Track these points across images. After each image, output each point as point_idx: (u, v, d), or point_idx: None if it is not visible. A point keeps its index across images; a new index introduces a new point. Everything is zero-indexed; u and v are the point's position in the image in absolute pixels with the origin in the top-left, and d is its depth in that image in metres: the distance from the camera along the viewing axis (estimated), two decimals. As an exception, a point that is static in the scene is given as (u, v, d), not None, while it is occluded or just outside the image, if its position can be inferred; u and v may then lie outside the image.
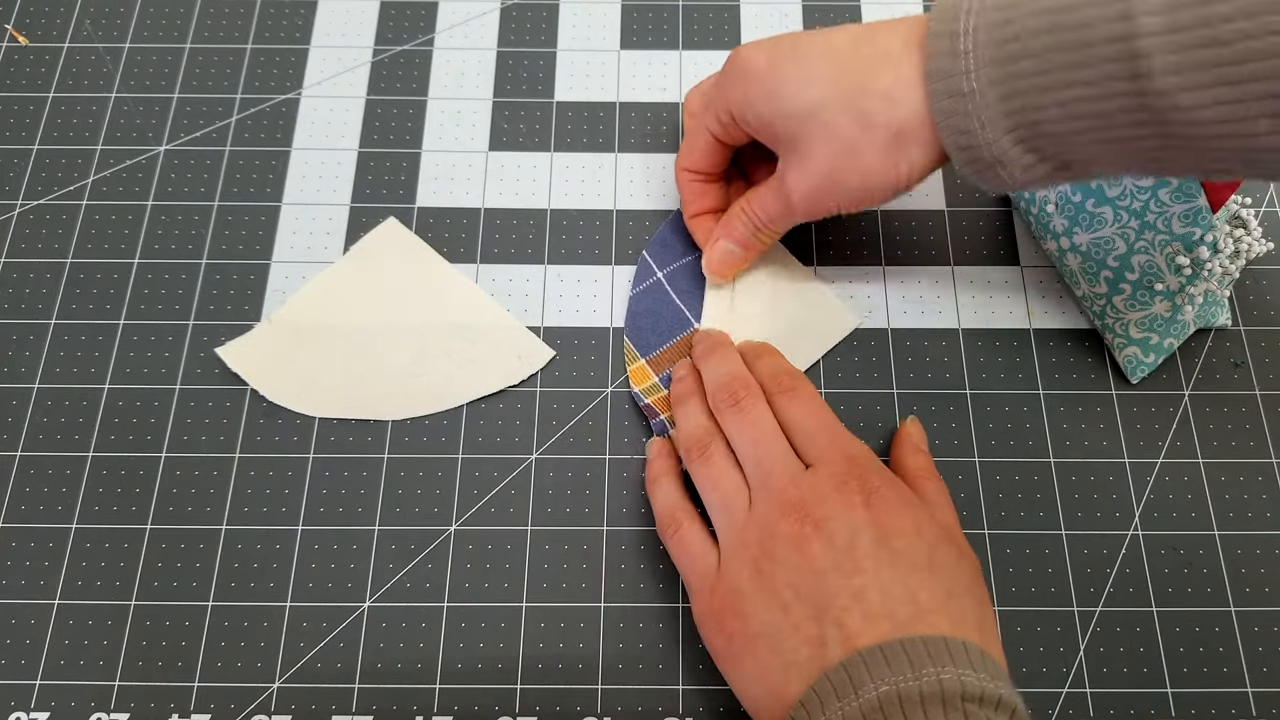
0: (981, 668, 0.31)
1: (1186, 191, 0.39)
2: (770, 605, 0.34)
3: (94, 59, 0.51)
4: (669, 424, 0.42)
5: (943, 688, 0.30)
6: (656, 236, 0.46)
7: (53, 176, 0.48)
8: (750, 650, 0.34)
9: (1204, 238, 0.40)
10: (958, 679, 0.30)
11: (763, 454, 0.37)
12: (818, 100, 0.37)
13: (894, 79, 0.35)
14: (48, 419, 0.43)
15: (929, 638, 0.31)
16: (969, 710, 0.30)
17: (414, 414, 0.43)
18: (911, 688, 0.30)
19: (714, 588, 0.36)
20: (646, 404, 0.42)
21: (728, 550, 0.36)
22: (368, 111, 0.50)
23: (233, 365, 0.43)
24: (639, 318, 0.44)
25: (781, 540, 0.34)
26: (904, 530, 0.34)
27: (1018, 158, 0.34)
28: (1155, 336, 0.42)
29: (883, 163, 0.37)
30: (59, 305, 0.45)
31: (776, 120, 0.38)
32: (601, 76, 0.51)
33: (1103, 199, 0.41)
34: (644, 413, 0.43)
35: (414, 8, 0.52)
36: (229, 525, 0.41)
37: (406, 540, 0.41)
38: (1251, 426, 0.43)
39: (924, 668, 0.30)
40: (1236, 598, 0.40)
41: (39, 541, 0.41)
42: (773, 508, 0.35)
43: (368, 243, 0.46)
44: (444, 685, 0.39)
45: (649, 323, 0.44)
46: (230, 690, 0.39)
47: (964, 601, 0.33)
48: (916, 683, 0.30)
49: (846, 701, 0.31)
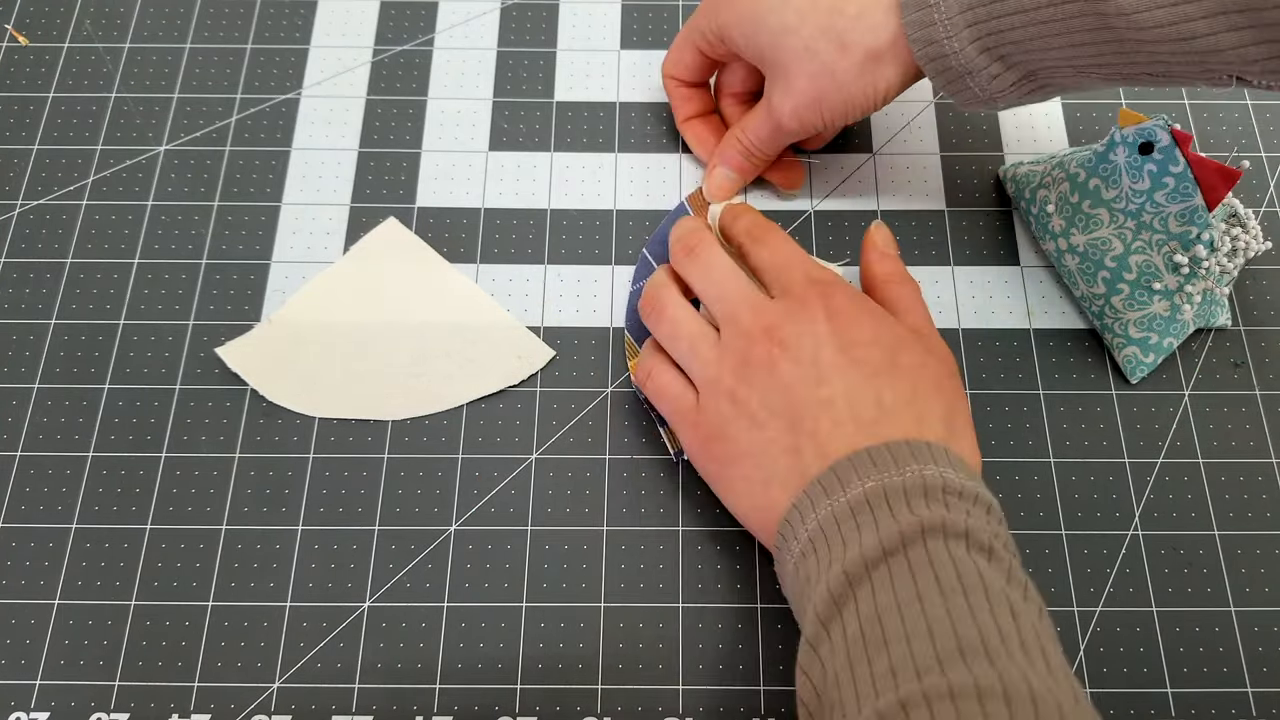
0: (962, 469, 0.33)
1: (1183, 191, 0.39)
2: (749, 427, 0.36)
3: (94, 59, 0.51)
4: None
5: (925, 481, 0.32)
6: (656, 234, 0.46)
7: (53, 176, 0.48)
8: (737, 471, 0.36)
9: (1200, 236, 0.40)
10: (939, 474, 0.32)
11: (721, 291, 0.38)
12: (795, 23, 0.39)
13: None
14: (48, 419, 0.43)
15: (912, 441, 0.33)
16: (949, 502, 0.31)
17: (414, 414, 0.43)
18: (895, 482, 0.32)
19: (696, 422, 0.38)
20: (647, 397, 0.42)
21: (704, 387, 0.37)
22: (368, 111, 0.50)
23: (233, 365, 0.43)
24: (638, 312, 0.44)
25: (753, 365, 0.36)
26: (864, 339, 0.36)
27: (984, 65, 0.37)
28: (1154, 336, 0.42)
29: (860, 83, 0.39)
30: (59, 305, 0.45)
31: (757, 42, 0.41)
32: (601, 76, 0.51)
33: (1099, 200, 0.41)
34: (646, 405, 0.43)
35: (414, 8, 0.52)
36: (229, 525, 0.41)
37: (406, 540, 0.41)
38: (1251, 426, 0.43)
39: (907, 465, 0.32)
40: (1236, 598, 0.40)
41: (39, 541, 0.41)
42: (740, 337, 0.37)
43: (368, 243, 0.46)
44: (444, 685, 0.39)
45: None
46: (230, 690, 0.39)
47: (930, 400, 0.35)
48: (900, 477, 0.32)
49: (835, 498, 0.32)
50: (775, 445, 0.35)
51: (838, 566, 0.31)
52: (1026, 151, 0.49)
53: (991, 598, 0.29)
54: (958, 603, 0.29)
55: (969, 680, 0.27)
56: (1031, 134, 0.49)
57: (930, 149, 0.49)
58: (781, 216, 0.47)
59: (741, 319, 0.37)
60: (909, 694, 0.27)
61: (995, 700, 0.26)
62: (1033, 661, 0.28)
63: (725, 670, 0.39)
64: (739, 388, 0.36)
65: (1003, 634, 0.28)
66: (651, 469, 0.42)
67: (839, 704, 0.29)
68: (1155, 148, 0.40)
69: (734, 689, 0.39)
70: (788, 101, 0.41)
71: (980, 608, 0.29)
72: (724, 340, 0.37)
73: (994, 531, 0.32)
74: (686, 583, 0.41)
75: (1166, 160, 0.39)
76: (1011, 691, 0.26)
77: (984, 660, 0.27)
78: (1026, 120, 0.50)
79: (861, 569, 0.30)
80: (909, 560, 0.30)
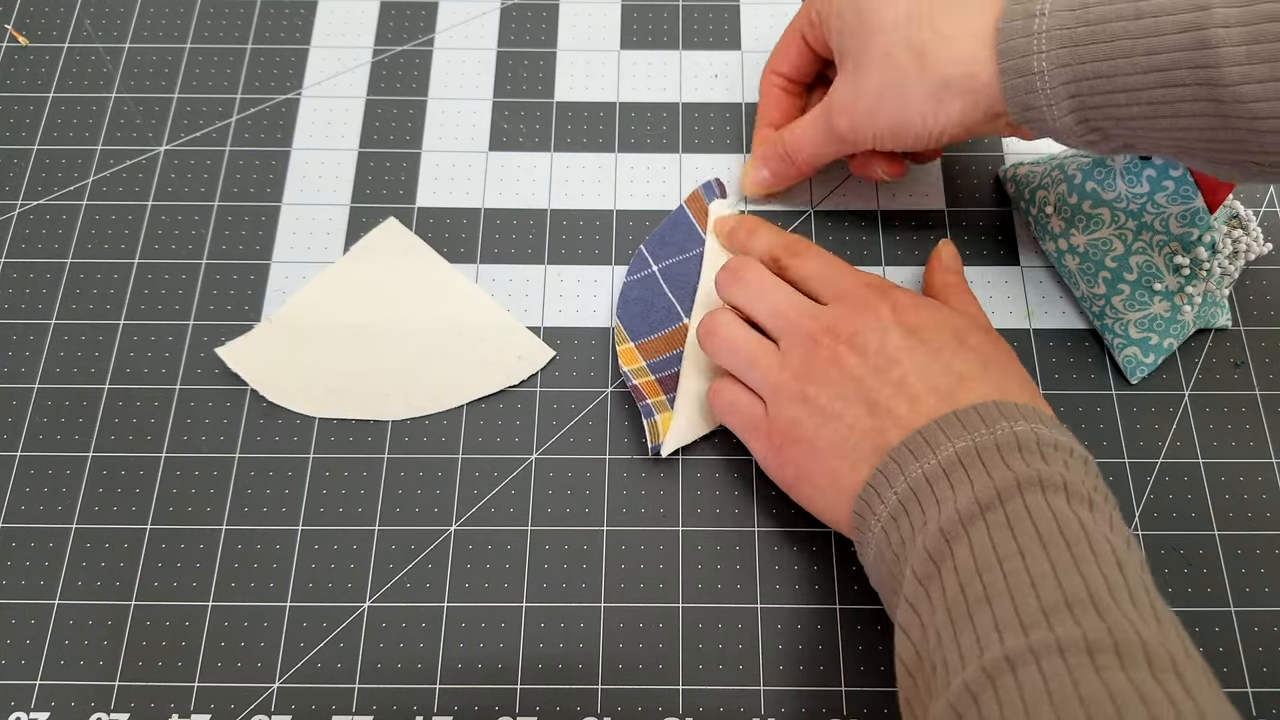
0: (1054, 425, 0.33)
1: (1183, 193, 0.39)
2: (825, 422, 0.35)
3: (94, 59, 0.51)
4: (655, 409, 0.42)
5: (1017, 437, 0.31)
6: (655, 232, 0.46)
7: (53, 176, 0.48)
8: (817, 466, 0.36)
9: (1201, 238, 0.40)
10: (1031, 430, 0.32)
11: (774, 305, 0.38)
12: (888, 25, 0.38)
13: (961, 25, 0.36)
14: (48, 419, 0.43)
15: (1000, 402, 0.33)
16: (1046, 454, 0.31)
17: (414, 414, 0.43)
18: (986, 439, 0.31)
19: (768, 430, 0.37)
20: (634, 385, 0.42)
21: (771, 396, 0.37)
22: (368, 111, 0.50)
23: (233, 365, 0.43)
24: (631, 304, 0.44)
25: (819, 364, 0.36)
26: (928, 323, 0.36)
27: (1081, 135, 0.36)
28: (1155, 337, 0.42)
29: (921, 107, 0.38)
30: (59, 305, 0.45)
31: (846, 33, 0.40)
32: (601, 76, 0.51)
33: (1100, 200, 0.41)
34: (632, 394, 0.43)
35: (414, 8, 0.52)
36: (229, 525, 0.41)
37: (406, 540, 0.41)
38: (1251, 426, 0.43)
39: (997, 424, 0.32)
40: (1236, 598, 0.40)
41: (39, 541, 0.41)
42: (801, 342, 0.37)
43: (368, 243, 0.46)
44: (444, 685, 0.39)
45: (640, 310, 0.44)
46: (230, 690, 0.39)
47: (1004, 368, 0.35)
48: (991, 435, 0.32)
49: (925, 461, 0.32)
50: (855, 430, 0.35)
51: (933, 525, 0.31)
52: (1026, 152, 0.49)
53: (1096, 549, 0.28)
54: (1061, 555, 0.28)
55: (1077, 634, 0.26)
56: (1031, 134, 0.49)
57: (930, 149, 0.49)
58: (781, 217, 0.47)
59: (801, 325, 0.37)
60: (1015, 649, 0.26)
61: (1106, 653, 0.25)
62: (1142, 613, 0.27)
63: (725, 670, 0.39)
64: (807, 387, 0.36)
65: (1110, 585, 0.27)
66: (651, 469, 0.42)
67: (941, 662, 0.28)
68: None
69: (735, 689, 0.39)
70: (849, 100, 0.40)
71: (1085, 559, 0.28)
72: (785, 348, 0.37)
73: (1092, 484, 0.32)
74: (686, 583, 0.41)
75: (1167, 164, 0.40)
76: (1122, 644, 0.26)
77: (1092, 613, 0.27)
78: (1026, 120, 0.50)
79: (958, 526, 0.30)
80: (1007, 515, 0.30)
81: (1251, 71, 0.30)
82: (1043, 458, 0.31)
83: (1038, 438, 0.32)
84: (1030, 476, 0.30)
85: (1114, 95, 0.34)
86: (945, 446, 0.32)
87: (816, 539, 0.41)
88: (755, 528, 0.41)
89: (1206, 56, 0.31)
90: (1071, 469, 0.31)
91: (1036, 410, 0.33)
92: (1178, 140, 0.34)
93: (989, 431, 0.32)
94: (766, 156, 0.45)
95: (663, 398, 0.42)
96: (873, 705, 0.38)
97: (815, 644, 0.39)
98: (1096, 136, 0.36)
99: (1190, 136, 0.33)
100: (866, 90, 0.39)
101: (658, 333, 0.44)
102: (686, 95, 0.50)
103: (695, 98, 0.50)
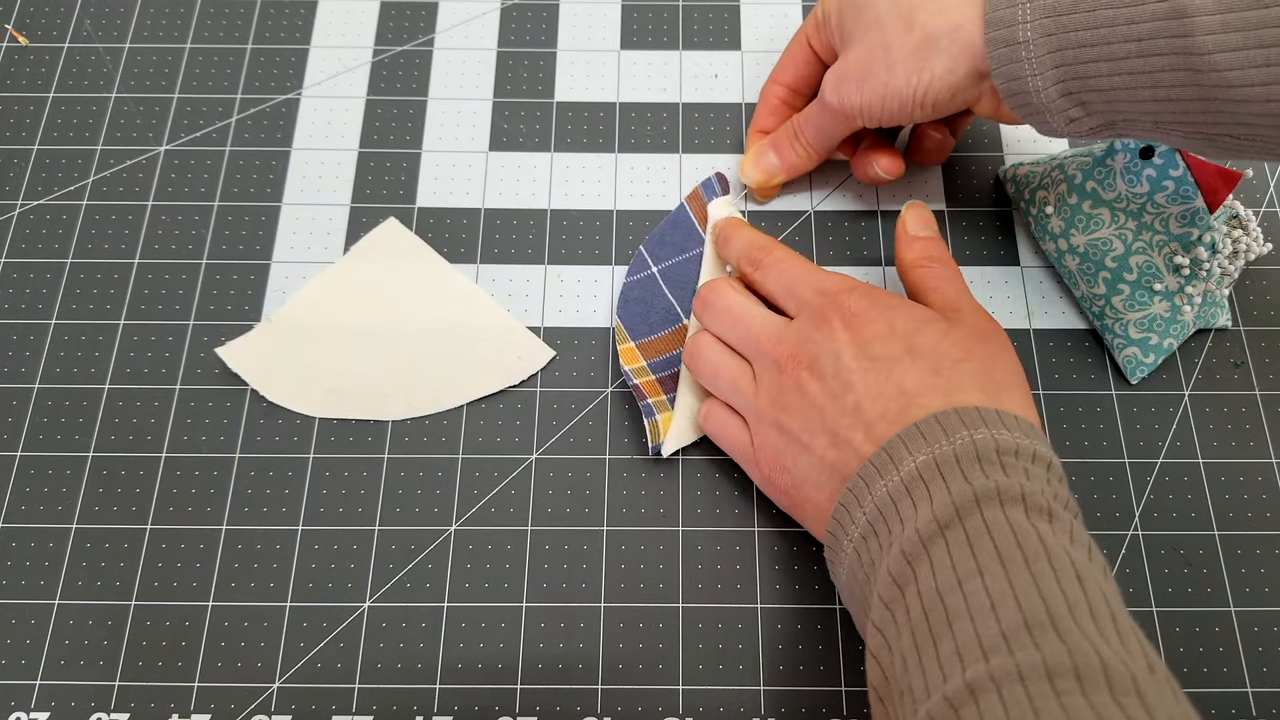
0: (1014, 426, 0.32)
1: (1183, 193, 0.39)
2: (800, 452, 0.36)
3: (94, 59, 0.51)
4: (655, 409, 0.42)
5: (975, 446, 0.31)
6: (654, 233, 0.46)
7: (53, 176, 0.48)
8: (801, 495, 0.36)
9: (1201, 238, 0.40)
10: (990, 437, 0.32)
11: (744, 331, 0.39)
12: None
13: None
14: (48, 419, 0.43)
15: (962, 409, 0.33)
16: (1006, 463, 0.31)
17: (414, 414, 0.43)
18: (945, 451, 0.31)
19: (756, 459, 0.38)
20: (635, 385, 0.42)
21: (753, 423, 0.38)
22: (368, 111, 0.50)
23: (233, 365, 0.43)
24: (631, 304, 0.44)
25: (787, 393, 0.36)
26: (878, 334, 0.36)
27: (1064, 108, 0.36)
28: (1155, 337, 0.42)
29: (906, 66, 0.38)
30: (59, 305, 0.45)
31: (848, 14, 0.40)
32: (601, 76, 0.51)
33: (1100, 200, 0.41)
34: (633, 393, 0.43)
35: (414, 8, 0.52)
36: (229, 525, 0.41)
37: (406, 540, 0.41)
38: (1251, 426, 0.43)
39: (956, 432, 0.32)
40: (1236, 598, 0.40)
41: (39, 541, 0.41)
42: (769, 369, 0.37)
43: (368, 243, 0.46)
44: (444, 685, 0.39)
45: (639, 310, 0.44)
46: (230, 690, 0.39)
47: (956, 370, 0.35)
48: (950, 446, 0.32)
49: (889, 478, 0.32)
50: (825, 461, 0.35)
51: (897, 547, 0.31)
52: (1026, 152, 0.49)
53: (1055, 565, 0.28)
54: (1019, 574, 0.28)
55: (1036, 659, 0.26)
56: (1031, 134, 0.49)
57: (930, 149, 0.49)
58: (781, 217, 0.47)
59: (766, 351, 0.38)
60: (976, 677, 0.26)
61: (1066, 678, 0.25)
62: (1102, 629, 0.27)
63: (725, 670, 0.39)
64: (781, 416, 0.37)
65: (1070, 603, 0.27)
66: (651, 469, 0.42)
67: (908, 689, 0.28)
68: (1155, 152, 0.40)
69: (734, 689, 0.39)
70: (836, 72, 0.41)
71: (1044, 576, 0.28)
72: (758, 374, 0.38)
73: (1053, 491, 0.31)
74: (686, 583, 0.41)
75: (1167, 164, 0.40)
76: (1082, 667, 0.26)
77: (1052, 634, 0.27)
78: (1026, 120, 0.50)
79: (919, 546, 0.30)
80: (966, 532, 0.30)
81: (1225, 40, 0.31)
82: (1002, 468, 0.31)
83: (997, 445, 0.32)
84: (988, 490, 0.30)
85: (1096, 65, 0.34)
86: (907, 461, 0.32)
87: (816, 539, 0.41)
88: (755, 528, 0.41)
89: (1183, 25, 0.31)
90: (1032, 477, 0.31)
91: (999, 414, 0.33)
92: (1156, 114, 0.34)
93: (949, 442, 0.32)
94: (776, 141, 0.45)
95: (663, 397, 0.42)
96: (873, 705, 0.38)
97: (815, 644, 0.40)
98: (1080, 111, 0.36)
99: (1168, 109, 0.34)
100: (853, 58, 0.40)
101: (658, 333, 0.44)
102: (686, 95, 0.50)
103: (695, 98, 0.50)
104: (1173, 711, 0.26)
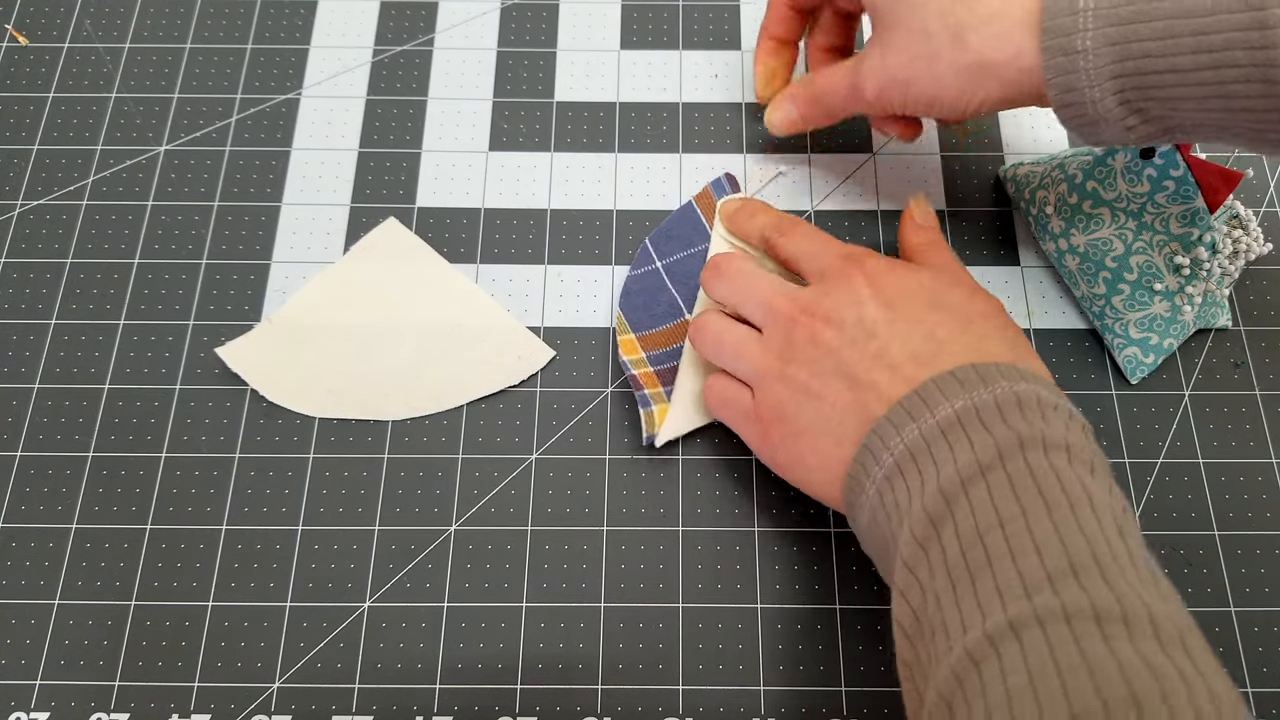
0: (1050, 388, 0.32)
1: (1183, 193, 0.39)
2: (806, 400, 0.35)
3: (94, 59, 0.51)
4: (652, 399, 0.42)
5: (1018, 396, 0.31)
6: (660, 228, 0.46)
7: (53, 176, 0.48)
8: (805, 445, 0.35)
9: (1202, 238, 0.40)
10: (1032, 390, 0.31)
11: (754, 293, 0.38)
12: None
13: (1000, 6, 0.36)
14: (48, 419, 0.43)
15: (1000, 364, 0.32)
16: (1047, 415, 0.31)
17: (414, 414, 0.43)
18: (986, 398, 0.31)
19: (756, 415, 0.37)
20: (632, 374, 0.42)
21: (757, 382, 0.37)
22: (368, 111, 0.50)
23: (233, 365, 0.43)
24: (633, 295, 0.44)
25: (798, 344, 0.36)
26: (905, 289, 0.35)
27: (1121, 117, 0.35)
28: (1155, 337, 0.42)
29: (957, 84, 0.37)
30: (59, 305, 0.45)
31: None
32: (601, 76, 0.51)
33: (1100, 200, 0.41)
34: (630, 383, 0.43)
35: (414, 8, 0.52)
36: (229, 525, 0.41)
37: (406, 540, 0.41)
38: (1251, 426, 0.43)
39: (996, 383, 0.31)
40: (1236, 598, 0.40)
41: (39, 541, 0.41)
42: (779, 325, 0.37)
43: (368, 243, 0.46)
44: (444, 685, 0.39)
45: (642, 302, 0.44)
46: (230, 690, 0.39)
47: (985, 326, 0.34)
48: (990, 394, 0.31)
49: (922, 421, 0.31)
50: (836, 407, 0.34)
51: (932, 485, 0.30)
52: (1026, 152, 0.49)
53: (1099, 513, 0.28)
54: (1064, 517, 0.28)
55: (1084, 600, 0.25)
56: (1031, 134, 0.49)
57: (930, 149, 0.49)
58: (781, 216, 0.47)
59: (779, 309, 0.37)
60: (1019, 614, 0.26)
61: (1114, 623, 0.25)
62: (1144, 582, 0.26)
63: (725, 670, 0.39)
64: (787, 368, 0.36)
65: (1114, 551, 0.27)
66: (651, 469, 0.42)
67: (941, 626, 0.28)
68: (1156, 151, 0.40)
69: (734, 689, 0.39)
70: (877, 71, 0.39)
71: (1088, 522, 0.27)
72: (767, 334, 0.38)
73: (1092, 450, 0.31)
74: (686, 583, 0.41)
75: (1167, 164, 0.39)
76: (1130, 614, 0.25)
77: (1098, 579, 0.26)
78: (1027, 121, 0.50)
79: (958, 486, 0.30)
80: (1009, 474, 0.29)
81: None
82: (1044, 418, 0.31)
83: (1039, 398, 0.31)
84: (1033, 435, 0.30)
85: (1162, 76, 0.33)
86: (943, 406, 0.31)
87: (816, 539, 0.41)
88: (755, 528, 0.41)
89: (1265, 37, 0.31)
90: (1072, 431, 0.31)
91: (1036, 375, 0.33)
92: (1223, 122, 0.34)
93: (988, 391, 0.31)
94: (796, 96, 0.44)
95: (660, 389, 0.42)
96: (873, 705, 0.38)
97: (815, 644, 0.40)
98: (1136, 120, 0.35)
99: (1238, 119, 0.33)
100: (896, 63, 0.38)
101: (659, 326, 0.44)
102: (686, 95, 0.50)
103: (695, 98, 0.50)
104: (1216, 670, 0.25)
